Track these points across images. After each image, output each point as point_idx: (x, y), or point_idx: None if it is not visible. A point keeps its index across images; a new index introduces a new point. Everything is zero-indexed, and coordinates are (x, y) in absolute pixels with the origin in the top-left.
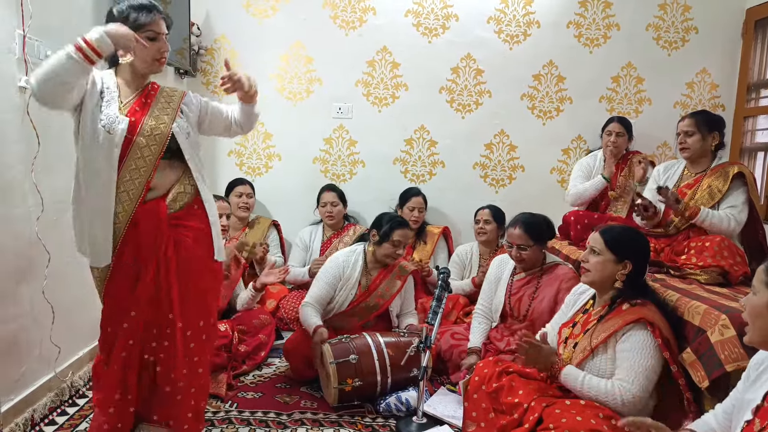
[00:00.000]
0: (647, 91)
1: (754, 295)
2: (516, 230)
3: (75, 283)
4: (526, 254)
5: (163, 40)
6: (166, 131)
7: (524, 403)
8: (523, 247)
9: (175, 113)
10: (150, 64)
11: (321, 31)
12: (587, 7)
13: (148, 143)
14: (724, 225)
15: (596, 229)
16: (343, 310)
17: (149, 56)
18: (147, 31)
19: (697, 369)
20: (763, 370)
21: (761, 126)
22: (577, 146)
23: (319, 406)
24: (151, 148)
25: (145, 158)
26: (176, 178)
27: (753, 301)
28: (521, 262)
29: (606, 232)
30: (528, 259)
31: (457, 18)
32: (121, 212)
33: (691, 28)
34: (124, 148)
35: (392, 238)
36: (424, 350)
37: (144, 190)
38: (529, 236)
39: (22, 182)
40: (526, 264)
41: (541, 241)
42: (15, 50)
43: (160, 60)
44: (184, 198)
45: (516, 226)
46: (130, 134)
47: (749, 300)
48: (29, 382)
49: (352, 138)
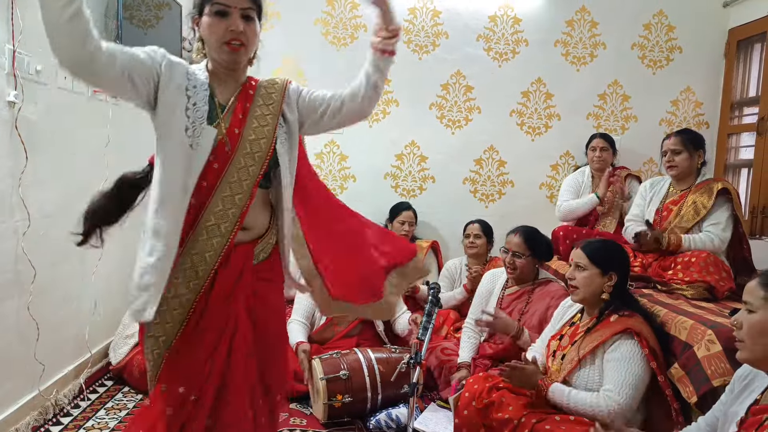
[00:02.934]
0: (633, 108)
1: (751, 313)
2: (515, 237)
3: (61, 299)
4: (520, 262)
5: (236, 16)
6: (266, 147)
7: (515, 419)
8: (518, 254)
9: (276, 120)
10: (217, 49)
11: (313, 47)
12: (574, 26)
13: (246, 163)
14: (708, 247)
15: (577, 246)
16: (324, 321)
17: (214, 38)
18: (215, 3)
19: (685, 384)
20: (747, 383)
21: (744, 143)
22: (565, 162)
23: (308, 422)
24: (250, 169)
25: (242, 182)
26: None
27: (753, 320)
28: (513, 270)
29: (587, 246)
30: (520, 269)
31: (447, 36)
32: (209, 251)
33: (676, 47)
34: (221, 167)
35: None
36: (415, 366)
37: (237, 224)
38: (526, 246)
39: (10, 196)
40: (517, 274)
41: (537, 254)
42: (4, 65)
43: (229, 43)
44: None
45: (516, 233)
46: (229, 150)
47: (747, 318)
48: (12, 400)
49: (343, 153)
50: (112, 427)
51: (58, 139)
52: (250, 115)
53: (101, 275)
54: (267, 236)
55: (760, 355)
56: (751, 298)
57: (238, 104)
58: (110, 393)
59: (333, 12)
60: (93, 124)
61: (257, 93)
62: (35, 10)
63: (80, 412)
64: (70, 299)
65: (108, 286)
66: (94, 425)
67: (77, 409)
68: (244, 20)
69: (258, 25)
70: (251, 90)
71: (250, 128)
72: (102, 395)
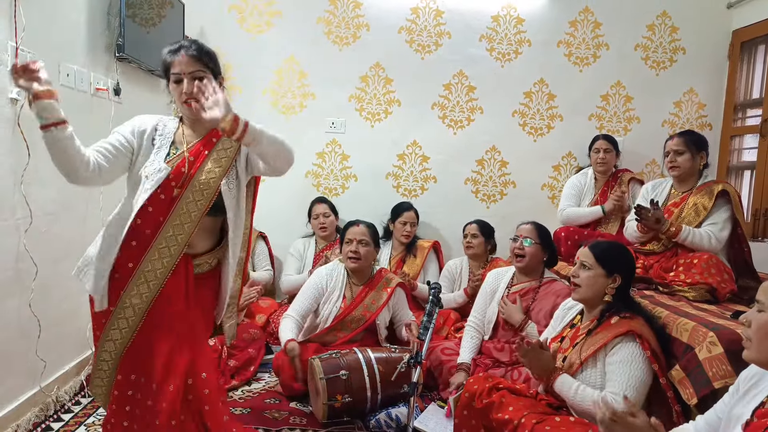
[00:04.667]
0: (636, 109)
1: (761, 312)
2: (527, 225)
3: (62, 296)
4: (529, 249)
5: (188, 81)
6: (214, 186)
7: (514, 420)
8: (529, 239)
9: (230, 162)
10: (179, 106)
11: (315, 47)
12: (577, 27)
13: (194, 198)
14: (705, 243)
15: (584, 245)
16: (329, 324)
17: (176, 98)
18: (171, 74)
19: (686, 386)
20: (753, 384)
21: (747, 145)
22: (567, 163)
23: (308, 422)
24: (198, 203)
25: (191, 213)
26: (213, 243)
27: (762, 320)
28: (522, 257)
29: (595, 246)
30: (529, 256)
31: (449, 36)
32: (159, 269)
33: (679, 48)
34: (170, 200)
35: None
36: (415, 366)
37: (183, 246)
38: (537, 233)
39: (12, 194)
40: (525, 262)
41: (546, 246)
42: (7, 62)
43: (186, 102)
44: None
45: (528, 223)
46: (180, 186)
47: (757, 317)
48: (13, 397)
49: (345, 152)
50: None
51: None
52: (207, 158)
53: None
54: (206, 256)
55: (766, 355)
56: (764, 297)
57: (194, 150)
58: None
59: (335, 11)
60: (95, 122)
61: (221, 140)
62: (38, 8)
63: (81, 408)
64: (71, 296)
65: None
66: (94, 422)
67: (78, 405)
68: (197, 81)
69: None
70: (215, 138)
71: (202, 170)
72: None
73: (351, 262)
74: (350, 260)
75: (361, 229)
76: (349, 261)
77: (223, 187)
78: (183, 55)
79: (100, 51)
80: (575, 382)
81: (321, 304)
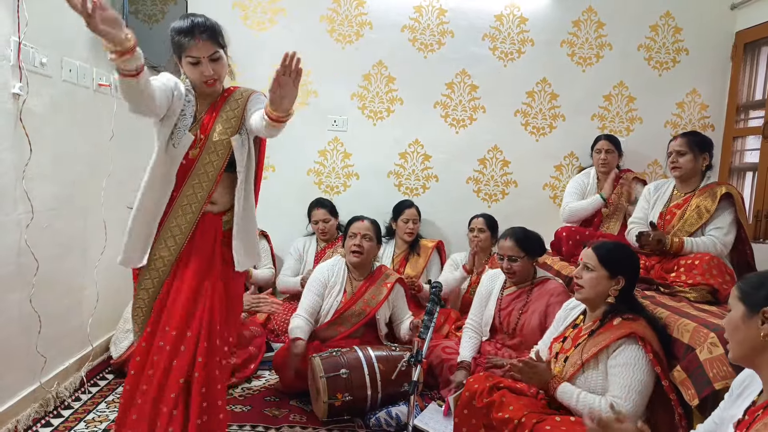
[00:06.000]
0: (638, 110)
1: (730, 311)
2: (507, 242)
3: (63, 292)
4: (517, 266)
5: (206, 63)
6: (227, 144)
7: (515, 419)
8: (514, 258)
9: (239, 122)
10: (198, 85)
11: (317, 44)
12: (580, 26)
13: (210, 159)
14: (710, 250)
15: (588, 246)
16: (329, 318)
17: (194, 78)
18: (187, 56)
19: (687, 387)
20: (746, 386)
21: (750, 146)
22: (569, 163)
23: (308, 420)
24: (214, 163)
25: (208, 173)
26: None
27: (729, 316)
28: (512, 274)
29: (599, 248)
30: (519, 271)
31: (452, 34)
32: (184, 225)
33: (682, 49)
34: (190, 162)
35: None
36: (415, 364)
37: (204, 203)
38: (519, 248)
39: (13, 189)
40: (517, 277)
41: (532, 253)
42: (10, 57)
43: (205, 82)
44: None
45: (507, 237)
46: (197, 149)
47: (727, 317)
48: (14, 392)
49: (347, 150)
50: (112, 419)
51: (62, 131)
52: (218, 120)
53: (103, 269)
54: (232, 211)
55: (738, 351)
56: (731, 298)
57: (207, 115)
58: (111, 386)
59: (338, 9)
60: (97, 117)
61: (227, 101)
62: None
63: (81, 404)
64: (72, 292)
65: (110, 279)
66: (94, 418)
67: (78, 401)
68: (213, 62)
69: (224, 56)
70: (222, 101)
71: (215, 132)
72: (103, 388)
73: (353, 257)
74: (353, 254)
75: (365, 225)
76: (351, 255)
77: (235, 143)
78: (199, 40)
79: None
80: (576, 390)
81: (324, 298)
